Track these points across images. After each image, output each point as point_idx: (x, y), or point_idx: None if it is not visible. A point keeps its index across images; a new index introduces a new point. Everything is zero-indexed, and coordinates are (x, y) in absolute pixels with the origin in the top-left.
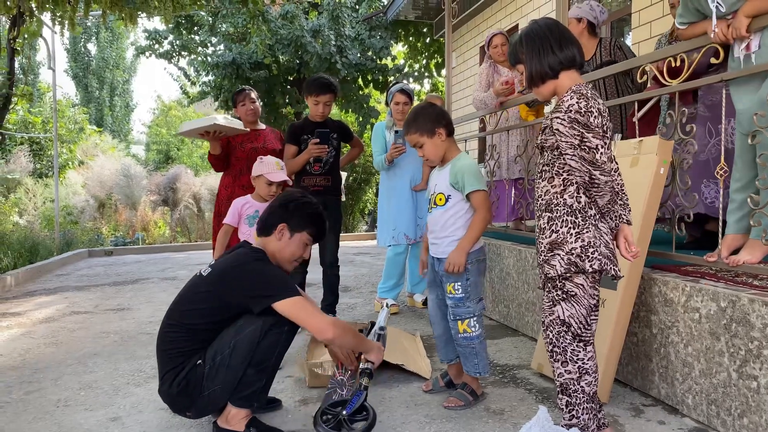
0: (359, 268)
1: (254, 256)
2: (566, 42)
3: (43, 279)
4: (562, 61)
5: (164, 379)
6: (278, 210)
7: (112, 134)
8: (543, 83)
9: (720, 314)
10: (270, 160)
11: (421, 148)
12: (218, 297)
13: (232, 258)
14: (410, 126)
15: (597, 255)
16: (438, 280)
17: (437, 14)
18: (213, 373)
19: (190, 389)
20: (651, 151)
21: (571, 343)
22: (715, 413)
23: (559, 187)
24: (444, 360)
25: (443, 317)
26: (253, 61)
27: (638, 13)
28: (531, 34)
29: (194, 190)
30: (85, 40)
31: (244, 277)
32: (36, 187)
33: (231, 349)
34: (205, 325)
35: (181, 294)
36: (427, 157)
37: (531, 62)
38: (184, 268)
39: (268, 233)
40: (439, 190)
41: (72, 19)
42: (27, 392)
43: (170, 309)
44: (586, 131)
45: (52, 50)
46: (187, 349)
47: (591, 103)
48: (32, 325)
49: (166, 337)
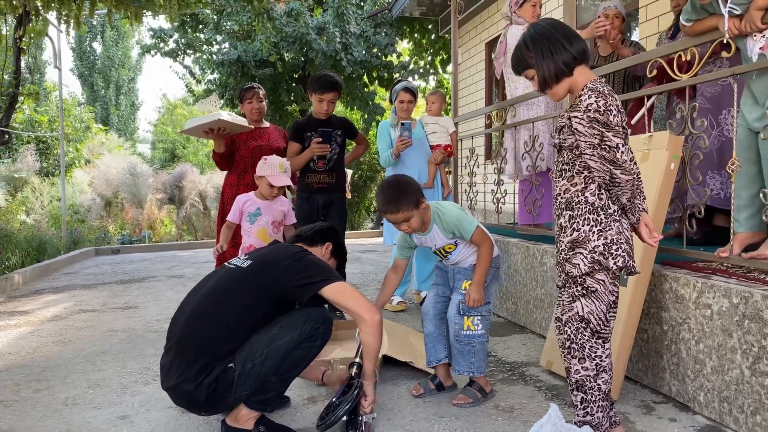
0: (365, 266)
1: (297, 248)
2: (574, 37)
3: (51, 277)
4: (576, 55)
5: (186, 378)
6: (328, 230)
7: (118, 133)
8: (558, 83)
9: (732, 311)
10: (274, 162)
11: (408, 221)
12: (262, 286)
13: (274, 249)
14: (398, 204)
15: (621, 252)
16: (447, 280)
17: (442, 11)
18: (242, 380)
19: (219, 393)
20: (661, 147)
21: (589, 340)
22: (728, 411)
23: (580, 185)
24: (432, 361)
25: (438, 315)
26: (258, 59)
27: (646, 7)
28: (537, 35)
29: (200, 188)
30: (91, 39)
31: (291, 265)
32: (43, 186)
33: (263, 358)
34: (242, 325)
35: (211, 286)
36: (413, 228)
37: (543, 63)
38: (191, 266)
39: (314, 244)
40: (443, 243)
41: (78, 18)
42: (36, 390)
43: (199, 302)
44: (606, 130)
45: (58, 49)
46: (219, 353)
47: (609, 100)
48: (40, 324)
49: (194, 334)
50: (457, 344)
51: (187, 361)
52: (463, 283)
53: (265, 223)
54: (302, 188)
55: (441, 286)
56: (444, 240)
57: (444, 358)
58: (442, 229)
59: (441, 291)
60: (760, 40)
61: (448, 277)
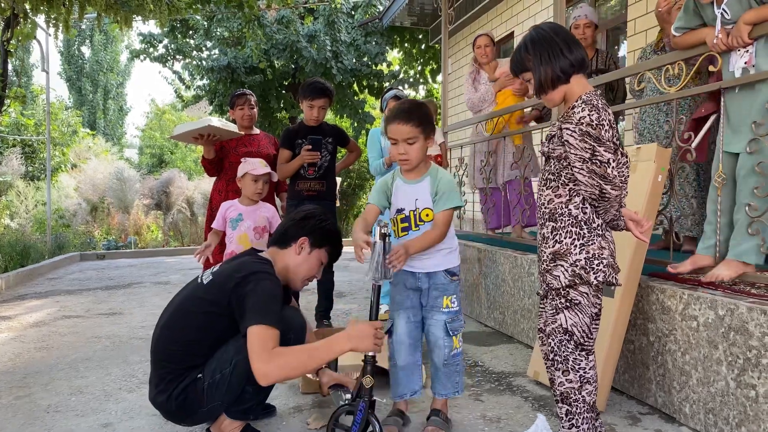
0: (353, 274)
1: (260, 267)
2: (574, 44)
3: (35, 282)
4: (574, 63)
5: (160, 390)
6: (300, 222)
7: (105, 137)
8: (554, 89)
9: (718, 322)
10: (253, 160)
11: (411, 144)
12: (217, 306)
13: (234, 267)
14: (412, 116)
15: (602, 267)
16: (417, 301)
17: (433, 21)
18: (212, 390)
19: (188, 404)
20: (649, 159)
21: (573, 352)
22: (713, 422)
23: (565, 196)
24: (405, 394)
25: (414, 344)
26: (248, 66)
27: (634, 21)
28: (537, 38)
29: (187, 194)
30: (79, 42)
31: (234, 291)
32: (28, 190)
33: (232, 367)
34: (204, 337)
35: (178, 301)
36: (410, 157)
37: (541, 68)
38: (177, 273)
39: (286, 245)
40: (424, 205)
41: (66, 22)
42: (17, 397)
43: (168, 316)
44: (597, 145)
45: (46, 52)
46: (187, 363)
47: (602, 115)
48: (23, 329)
49: (164, 347)
50: (444, 368)
51: (159, 374)
52: (443, 300)
53: (246, 228)
54: (292, 195)
55: (411, 310)
56: (425, 200)
57: (419, 390)
58: (431, 184)
59: (412, 315)
60: (744, 55)
61: (420, 296)
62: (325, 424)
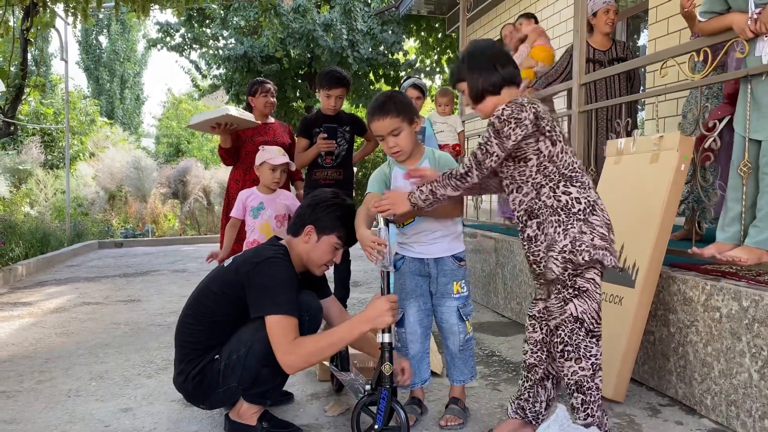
0: (369, 263)
1: (272, 253)
2: (506, 60)
3: (54, 269)
4: (505, 77)
5: (181, 371)
6: (307, 210)
7: (123, 127)
8: (483, 100)
9: (742, 314)
10: (271, 148)
11: (397, 136)
12: (233, 289)
13: (252, 252)
14: (387, 108)
15: (585, 247)
16: (426, 288)
17: (449, 9)
18: (228, 371)
19: (205, 385)
20: (672, 147)
21: (584, 339)
22: (735, 414)
23: (532, 192)
24: (416, 383)
25: (424, 333)
26: (264, 55)
27: (655, 9)
28: (472, 53)
29: (204, 183)
30: (97, 32)
31: (249, 279)
32: (47, 179)
33: (247, 348)
34: (224, 318)
35: (203, 285)
36: (400, 148)
37: (474, 79)
38: (194, 261)
39: (296, 234)
40: None
41: (85, 11)
42: (38, 381)
43: (192, 299)
44: (494, 136)
45: (65, 41)
46: (205, 344)
47: (517, 112)
48: (43, 315)
49: (185, 328)
50: (460, 353)
51: (180, 355)
52: (454, 286)
53: (268, 217)
54: (309, 183)
55: (422, 297)
56: None
57: (428, 378)
58: (431, 165)
59: (423, 303)
60: None
61: (429, 282)
62: (342, 411)
